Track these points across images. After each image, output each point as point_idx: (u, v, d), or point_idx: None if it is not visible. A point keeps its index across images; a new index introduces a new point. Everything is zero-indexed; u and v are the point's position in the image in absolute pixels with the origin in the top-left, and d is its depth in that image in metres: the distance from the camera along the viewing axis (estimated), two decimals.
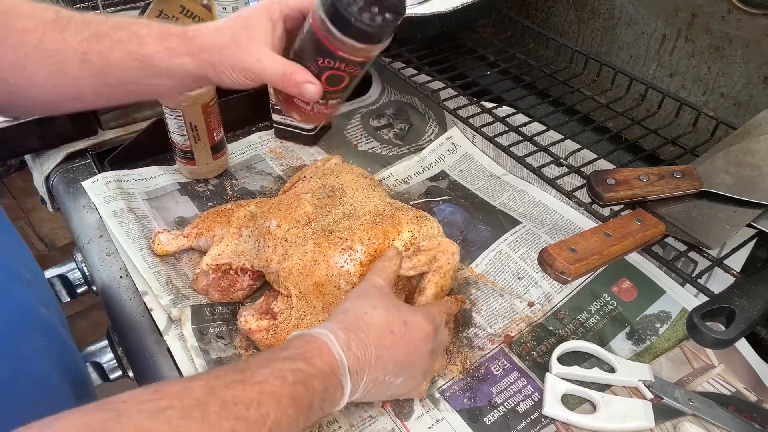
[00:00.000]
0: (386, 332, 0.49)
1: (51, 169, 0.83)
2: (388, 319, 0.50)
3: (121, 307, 0.64)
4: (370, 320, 0.49)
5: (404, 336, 0.50)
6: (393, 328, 0.50)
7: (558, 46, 0.80)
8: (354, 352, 0.47)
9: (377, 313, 0.50)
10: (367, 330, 0.49)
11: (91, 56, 0.50)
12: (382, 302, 0.52)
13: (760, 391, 0.57)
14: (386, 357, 0.49)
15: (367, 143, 0.91)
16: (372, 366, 0.48)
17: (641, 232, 0.51)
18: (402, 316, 0.51)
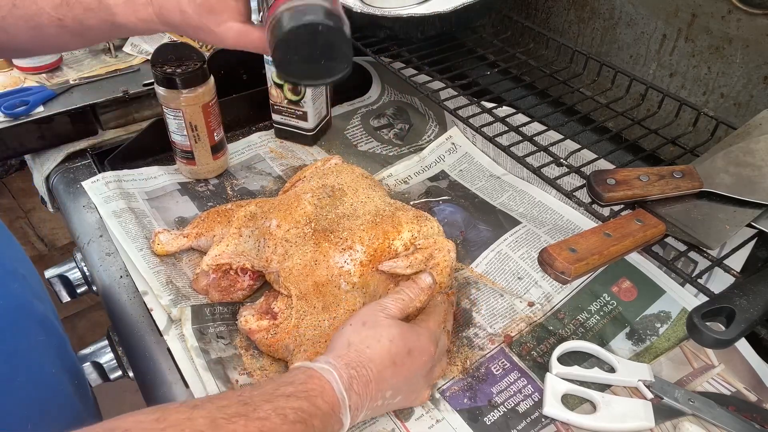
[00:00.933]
0: (388, 365, 0.49)
1: (51, 169, 0.83)
2: (391, 350, 0.50)
3: (121, 307, 0.64)
4: (372, 355, 0.49)
5: (405, 364, 0.50)
6: (395, 359, 0.50)
7: (558, 46, 0.80)
8: (356, 391, 0.47)
9: (381, 347, 0.50)
10: (369, 366, 0.49)
11: (66, 21, 0.51)
12: (387, 333, 0.51)
13: (760, 391, 0.57)
14: (386, 387, 0.49)
15: (367, 143, 0.91)
16: (370, 399, 0.48)
17: (641, 232, 0.51)
18: (406, 345, 0.51)
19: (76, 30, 0.52)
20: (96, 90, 0.87)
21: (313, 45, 0.45)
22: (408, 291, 0.56)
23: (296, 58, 0.46)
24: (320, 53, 0.46)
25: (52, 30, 0.52)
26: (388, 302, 0.54)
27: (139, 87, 0.87)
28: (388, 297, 0.55)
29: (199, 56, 0.73)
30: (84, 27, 0.52)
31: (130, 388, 0.71)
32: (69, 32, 0.53)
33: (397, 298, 0.55)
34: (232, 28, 0.51)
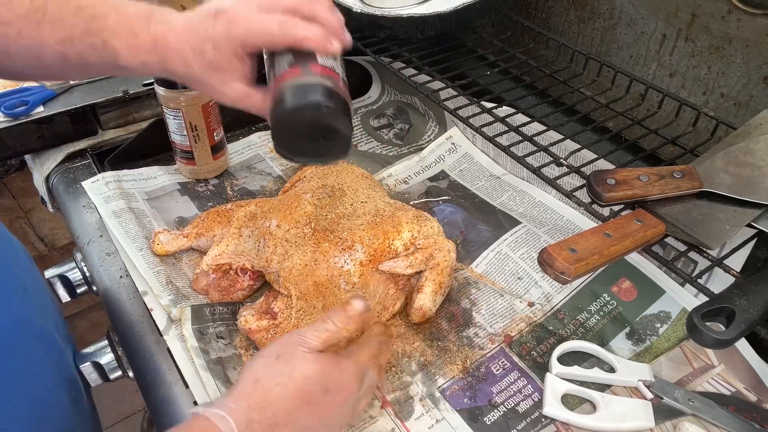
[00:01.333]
0: (300, 405, 0.45)
1: (51, 169, 0.83)
2: (305, 388, 0.45)
3: (121, 307, 0.64)
4: (282, 392, 0.45)
5: (321, 404, 0.46)
6: (309, 398, 0.45)
7: (558, 46, 0.80)
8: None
9: (293, 385, 0.45)
10: (277, 405, 0.44)
11: (69, 55, 0.50)
12: (302, 369, 0.46)
13: (760, 391, 0.57)
14: (298, 428, 0.45)
15: (367, 143, 0.91)
16: None
17: (641, 232, 0.51)
18: (324, 382, 0.46)
19: (78, 65, 0.51)
20: (96, 90, 0.87)
21: (312, 125, 0.45)
22: (334, 319, 0.49)
23: (295, 136, 0.46)
24: (319, 133, 0.45)
25: (54, 62, 0.51)
26: (309, 332, 0.48)
27: (139, 87, 0.87)
28: (311, 326, 0.49)
29: None
30: (86, 64, 0.51)
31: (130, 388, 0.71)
32: (71, 66, 0.52)
33: (321, 327, 0.48)
34: (235, 88, 0.50)
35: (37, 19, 0.49)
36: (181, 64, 0.50)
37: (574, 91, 0.76)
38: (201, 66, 0.49)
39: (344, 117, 0.45)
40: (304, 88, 0.45)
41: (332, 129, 0.45)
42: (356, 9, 0.80)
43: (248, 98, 0.51)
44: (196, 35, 0.49)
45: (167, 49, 0.49)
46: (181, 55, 0.49)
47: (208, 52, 0.48)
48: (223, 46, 0.48)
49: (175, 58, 0.50)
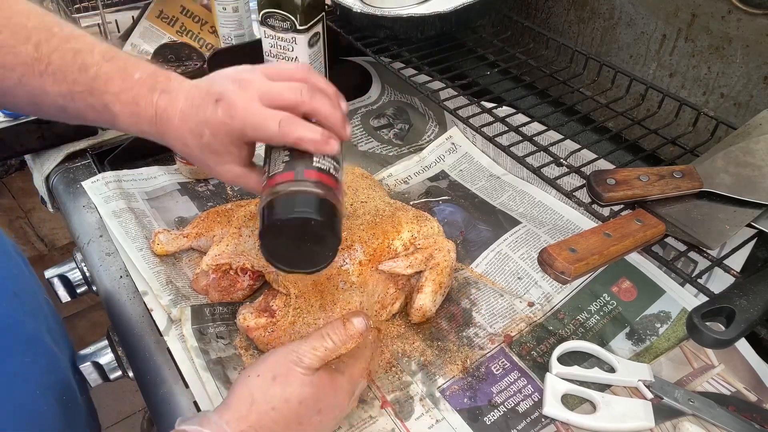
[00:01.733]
0: (294, 424, 0.46)
1: (51, 169, 0.83)
2: (300, 412, 0.46)
3: (121, 307, 0.64)
4: (277, 417, 0.45)
5: (313, 424, 0.47)
6: (302, 419, 0.46)
7: (558, 46, 0.80)
8: None
9: (288, 408, 0.45)
10: (271, 428, 0.45)
11: (68, 110, 0.50)
12: (299, 393, 0.46)
13: (760, 391, 0.57)
14: None
15: (367, 143, 0.91)
16: None
17: (641, 232, 0.51)
18: (317, 404, 0.47)
19: (76, 117, 0.52)
20: None
21: (300, 235, 0.45)
22: (333, 337, 0.48)
23: (280, 245, 0.46)
24: (306, 241, 0.46)
25: (52, 110, 0.51)
26: (306, 351, 0.47)
27: None
28: (308, 342, 0.48)
29: (199, 56, 0.73)
30: (84, 119, 0.51)
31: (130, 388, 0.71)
32: (69, 116, 0.52)
33: (319, 346, 0.48)
34: (231, 170, 0.51)
35: (39, 69, 0.49)
36: (179, 142, 0.50)
37: (574, 91, 0.76)
38: (198, 147, 0.50)
39: (331, 229, 0.46)
40: (293, 200, 0.45)
41: (318, 241, 0.46)
42: (356, 9, 0.80)
43: (244, 179, 0.51)
44: (196, 117, 0.49)
45: (166, 125, 0.49)
46: (179, 134, 0.49)
47: (205, 136, 0.49)
48: (221, 133, 0.48)
49: (172, 135, 0.50)
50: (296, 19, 0.75)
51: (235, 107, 0.47)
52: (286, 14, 0.74)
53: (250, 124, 0.47)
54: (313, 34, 0.77)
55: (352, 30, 0.85)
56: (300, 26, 0.75)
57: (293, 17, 0.74)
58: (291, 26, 0.75)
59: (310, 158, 0.47)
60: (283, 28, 0.76)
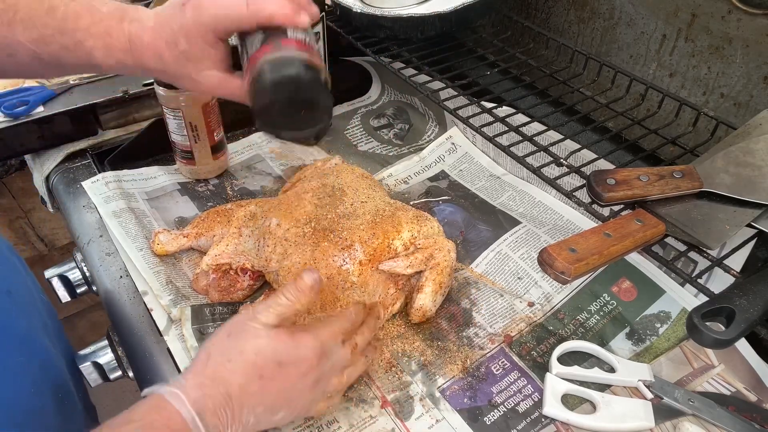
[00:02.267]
0: (253, 378, 0.45)
1: (51, 169, 0.83)
2: (256, 363, 0.46)
3: (121, 307, 0.64)
4: (233, 368, 0.45)
5: (276, 378, 0.46)
6: (262, 372, 0.45)
7: (558, 46, 0.80)
8: (212, 411, 0.43)
9: (244, 359, 0.45)
10: (229, 380, 0.45)
11: (42, 55, 0.51)
12: (253, 344, 0.46)
13: (760, 391, 0.57)
14: (253, 403, 0.45)
15: (367, 143, 0.91)
16: (236, 419, 0.44)
17: (641, 232, 0.51)
18: (276, 356, 0.46)
19: (52, 64, 0.52)
20: (96, 90, 0.87)
21: (291, 98, 0.45)
22: (286, 294, 0.49)
23: (276, 111, 0.46)
24: (299, 106, 0.46)
25: (27, 60, 0.51)
26: (261, 309, 0.48)
27: (139, 87, 0.87)
28: (264, 302, 0.49)
29: None
30: (61, 63, 0.52)
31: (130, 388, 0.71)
32: (45, 65, 0.52)
33: (272, 302, 0.49)
34: (212, 76, 0.51)
35: (8, 18, 0.49)
36: (156, 59, 0.50)
37: (574, 91, 0.76)
38: (175, 58, 0.50)
39: (321, 87, 0.46)
40: (279, 63, 0.45)
41: (311, 100, 0.46)
42: (356, 9, 0.80)
43: (225, 84, 0.51)
44: (168, 28, 0.49)
45: (141, 47, 0.50)
46: (155, 50, 0.50)
47: (180, 43, 0.49)
48: (194, 35, 0.49)
49: (149, 55, 0.50)
50: None
51: (202, 2, 0.48)
52: None
53: (221, 14, 0.48)
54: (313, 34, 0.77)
55: (352, 30, 0.85)
56: None
57: None
58: None
59: (284, 32, 0.47)
60: None
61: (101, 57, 0.50)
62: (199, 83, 0.51)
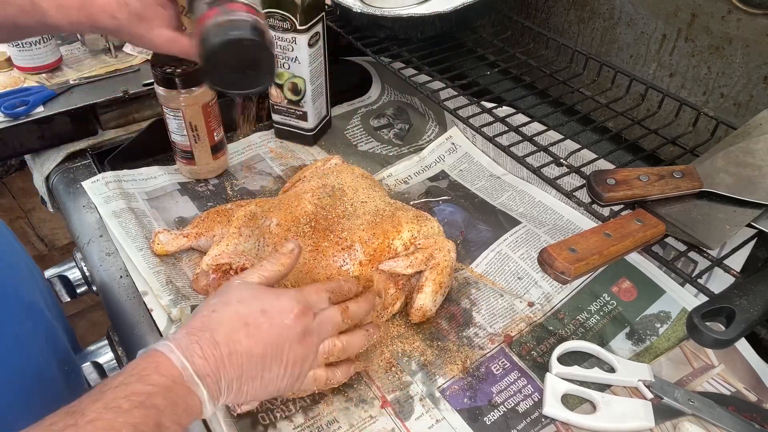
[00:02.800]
0: (238, 326, 0.46)
1: (51, 169, 0.83)
2: (240, 311, 0.47)
3: (121, 307, 0.64)
4: (218, 317, 0.47)
5: (261, 325, 0.47)
6: (246, 319, 0.47)
7: (558, 46, 0.80)
8: (200, 355, 0.44)
9: (228, 309, 0.47)
10: (215, 328, 0.46)
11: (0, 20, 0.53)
12: (236, 295, 0.48)
13: (760, 391, 0.57)
14: (241, 351, 0.46)
15: (367, 143, 0.91)
16: (226, 365, 0.45)
17: (641, 232, 0.51)
18: (259, 304, 0.48)
19: (8, 27, 0.54)
20: (96, 90, 0.87)
21: (238, 58, 0.48)
22: (269, 259, 0.52)
23: (223, 70, 0.49)
24: (245, 65, 0.49)
25: None
26: (246, 274, 0.51)
27: (139, 87, 0.87)
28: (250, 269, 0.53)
29: None
30: (17, 25, 0.54)
31: None
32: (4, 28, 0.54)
33: (256, 267, 0.52)
34: (162, 34, 0.54)
35: None
36: (108, 18, 0.53)
37: (574, 91, 0.76)
38: (127, 17, 0.53)
39: (266, 49, 0.49)
40: (225, 26, 0.48)
41: (255, 61, 0.49)
42: (356, 9, 0.80)
43: (175, 42, 0.54)
44: None
45: (93, 6, 0.52)
46: (108, 10, 0.52)
47: (132, 3, 0.52)
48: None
49: (101, 14, 0.53)
50: (296, 19, 0.75)
51: None
52: (286, 14, 0.74)
53: None
54: (313, 34, 0.77)
55: (352, 30, 0.85)
56: (300, 26, 0.75)
57: (293, 17, 0.74)
58: (291, 26, 0.75)
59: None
60: (283, 28, 0.76)
61: (56, 17, 0.53)
62: (151, 41, 0.54)
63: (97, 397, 0.39)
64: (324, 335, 0.51)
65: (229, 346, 0.45)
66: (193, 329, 0.46)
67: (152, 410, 0.40)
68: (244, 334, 0.46)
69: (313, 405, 0.55)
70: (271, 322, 0.47)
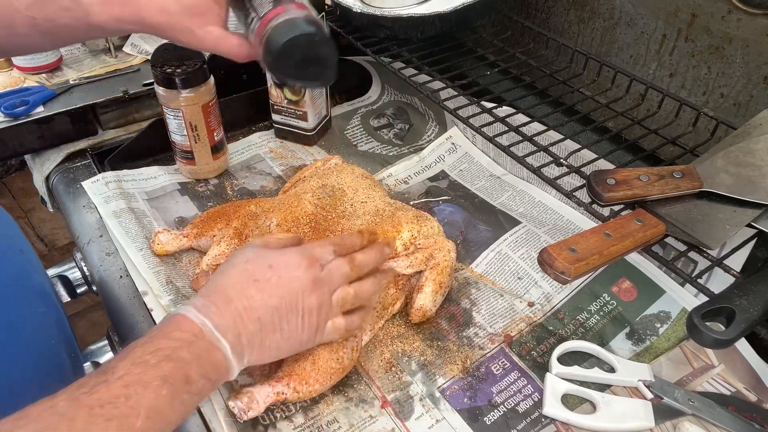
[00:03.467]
0: (248, 282, 0.48)
1: (51, 169, 0.83)
2: (248, 268, 0.49)
3: (121, 307, 0.64)
4: (228, 277, 0.49)
5: (270, 279, 0.49)
6: (255, 275, 0.49)
7: (558, 46, 0.80)
8: (215, 312, 0.46)
9: (237, 268, 0.50)
10: (227, 287, 0.48)
11: (39, 21, 0.51)
12: (242, 256, 0.51)
13: (760, 391, 0.57)
14: (256, 305, 0.47)
15: (367, 143, 0.91)
16: (244, 318, 0.46)
17: (641, 232, 0.51)
18: (266, 261, 0.50)
19: (48, 29, 0.52)
20: (96, 90, 0.87)
21: (306, 53, 0.50)
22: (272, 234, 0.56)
23: (291, 65, 0.50)
24: (312, 60, 0.51)
25: (24, 30, 0.52)
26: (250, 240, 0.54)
27: (139, 87, 0.87)
28: None
29: (199, 56, 0.73)
30: (57, 26, 0.52)
31: None
32: (41, 32, 0.52)
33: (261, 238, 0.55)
34: (212, 32, 0.53)
35: None
36: (158, 11, 0.52)
37: (574, 91, 0.76)
38: (179, 11, 0.52)
39: (332, 44, 0.51)
40: (295, 21, 0.49)
41: (323, 56, 0.51)
42: (356, 9, 0.80)
43: (223, 41, 0.53)
44: None
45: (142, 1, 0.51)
46: (159, 3, 0.51)
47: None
48: None
49: (151, 8, 0.52)
50: None
51: None
52: None
53: None
54: None
55: (352, 30, 0.85)
56: None
57: None
58: None
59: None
60: None
61: (99, 13, 0.51)
62: (200, 38, 0.53)
63: (124, 355, 0.41)
64: (335, 285, 0.52)
65: (242, 302, 0.47)
66: (206, 292, 0.48)
67: (179, 362, 0.41)
68: (256, 289, 0.48)
69: (313, 405, 0.55)
70: (279, 275, 0.49)
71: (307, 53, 0.50)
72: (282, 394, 0.52)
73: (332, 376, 0.54)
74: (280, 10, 0.50)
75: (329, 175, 0.71)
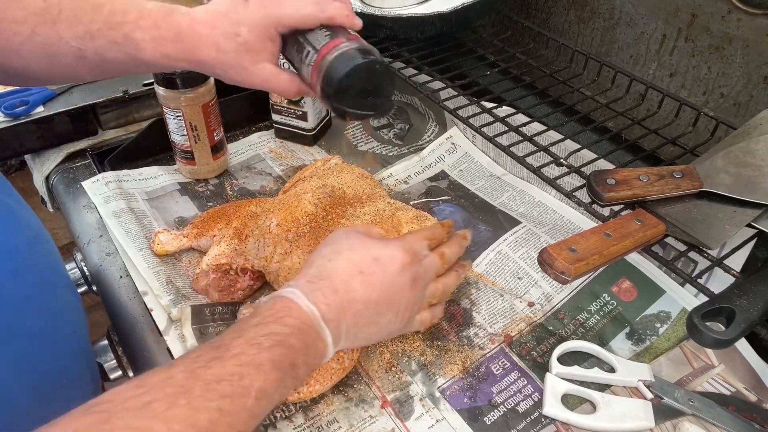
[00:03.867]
0: (353, 273, 0.49)
1: (51, 169, 0.83)
2: (353, 258, 0.50)
3: (121, 307, 0.64)
4: (334, 266, 0.50)
5: (375, 273, 0.50)
6: (361, 267, 0.50)
7: (558, 46, 0.80)
8: (322, 301, 0.47)
9: (341, 257, 0.50)
10: (332, 276, 0.49)
11: (87, 53, 0.51)
12: (346, 244, 0.51)
13: (760, 391, 0.57)
14: (359, 298, 0.49)
15: (367, 143, 0.91)
16: (346, 310, 0.48)
17: (641, 232, 0.51)
18: (371, 252, 0.51)
19: (95, 62, 0.51)
20: (96, 90, 0.87)
21: (368, 82, 0.50)
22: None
23: (352, 96, 0.50)
24: (370, 90, 0.50)
25: (69, 60, 0.51)
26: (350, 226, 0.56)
27: (139, 87, 0.87)
28: None
29: None
30: (104, 60, 0.51)
31: None
32: (87, 64, 0.52)
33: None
34: (266, 68, 0.52)
35: (52, 16, 0.49)
36: (212, 49, 0.51)
37: (574, 91, 0.76)
38: (234, 48, 0.51)
39: (391, 74, 0.51)
40: (355, 52, 0.49)
41: (383, 84, 0.51)
42: (356, 9, 0.80)
43: (276, 78, 0.53)
44: (227, 20, 0.51)
45: (194, 37, 0.51)
46: (212, 40, 0.51)
47: (242, 34, 0.51)
48: (258, 27, 0.51)
49: (204, 46, 0.51)
50: None
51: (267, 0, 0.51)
52: None
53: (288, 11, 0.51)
54: None
55: None
56: None
57: None
58: None
59: (345, 30, 0.52)
60: None
61: (149, 49, 0.51)
62: (254, 74, 0.53)
63: (238, 334, 0.42)
64: (428, 280, 0.55)
65: (347, 294, 0.48)
66: (312, 278, 0.49)
67: (289, 349, 0.43)
68: (360, 282, 0.49)
69: (313, 405, 0.55)
70: (384, 269, 0.50)
71: (368, 82, 0.50)
72: None
73: (332, 376, 0.54)
74: (338, 42, 0.50)
75: (329, 175, 0.71)
